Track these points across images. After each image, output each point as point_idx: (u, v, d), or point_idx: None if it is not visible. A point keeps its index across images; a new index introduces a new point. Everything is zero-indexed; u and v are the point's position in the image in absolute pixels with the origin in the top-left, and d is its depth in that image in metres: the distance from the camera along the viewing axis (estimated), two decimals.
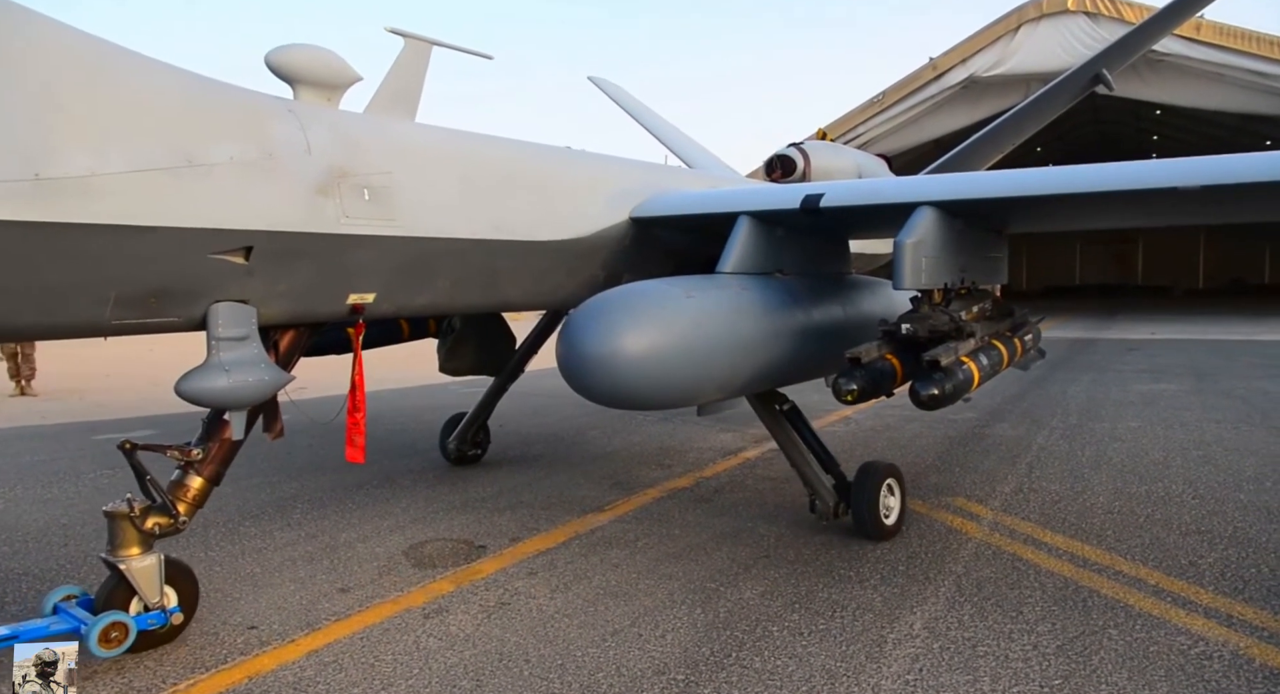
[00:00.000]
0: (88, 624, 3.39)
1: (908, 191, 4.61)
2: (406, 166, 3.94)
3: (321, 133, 3.65)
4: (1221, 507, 5.76)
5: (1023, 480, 6.59)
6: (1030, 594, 4.22)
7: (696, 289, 4.09)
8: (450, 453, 7.36)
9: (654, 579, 4.52)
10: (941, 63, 26.18)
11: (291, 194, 3.47)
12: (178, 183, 3.11)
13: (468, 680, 3.41)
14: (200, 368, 3.49)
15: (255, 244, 3.38)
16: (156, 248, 3.11)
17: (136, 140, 3.04)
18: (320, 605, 4.21)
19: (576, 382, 3.73)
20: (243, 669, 3.53)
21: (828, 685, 3.33)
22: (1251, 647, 3.60)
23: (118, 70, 3.13)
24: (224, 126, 3.33)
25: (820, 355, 4.75)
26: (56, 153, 2.81)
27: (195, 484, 3.80)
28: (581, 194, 4.88)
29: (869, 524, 5.08)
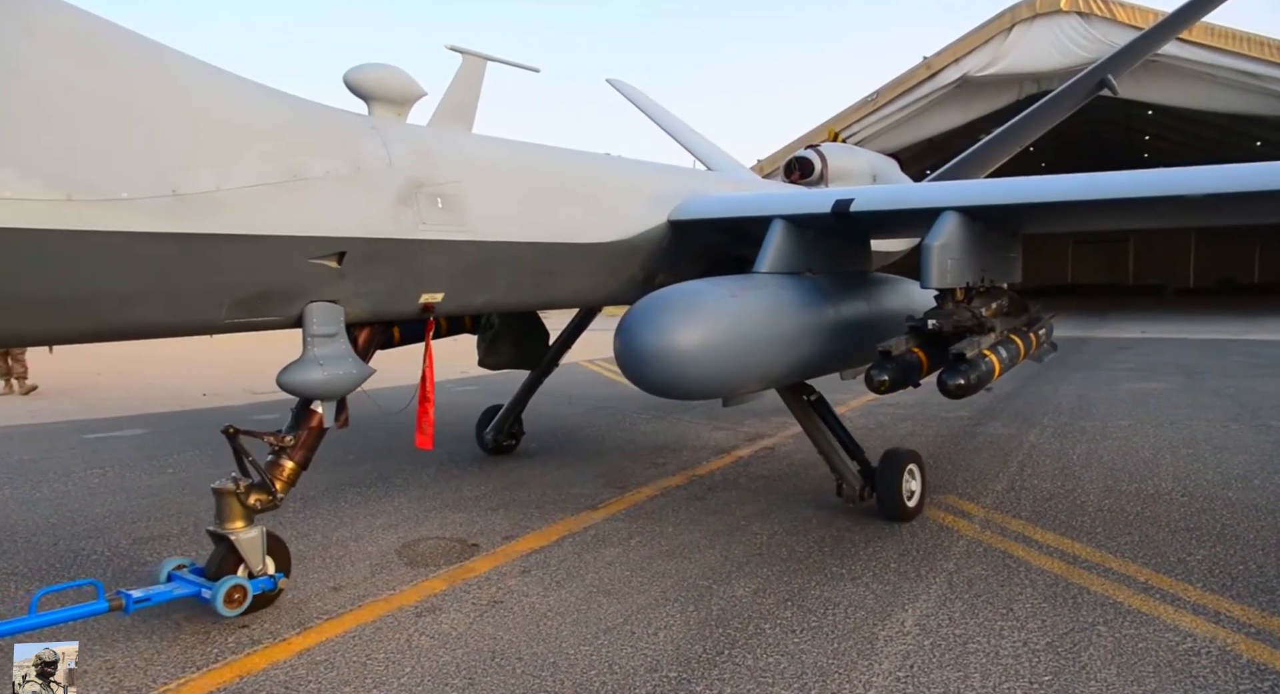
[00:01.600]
0: (211, 588, 3.79)
1: (933, 197, 4.97)
2: (473, 176, 4.28)
3: (401, 147, 3.99)
4: (1210, 504, 5.80)
5: (1014, 478, 6.62)
6: (1021, 591, 4.25)
7: (740, 289, 4.43)
8: (487, 443, 7.69)
9: (647, 577, 4.53)
10: (935, 62, 26.25)
11: (377, 204, 3.81)
12: (284, 196, 3.46)
13: (460, 679, 3.41)
14: (297, 362, 3.84)
15: (348, 250, 3.73)
16: (266, 254, 3.46)
17: (251, 158, 3.38)
18: (312, 604, 4.20)
19: (633, 373, 4.07)
20: (234, 668, 3.52)
21: (819, 682, 3.34)
22: (1239, 642, 3.63)
23: (236, 96, 3.52)
24: (321, 144, 3.68)
25: (847, 349, 5.09)
26: (189, 171, 3.15)
27: (288, 467, 4.13)
28: (624, 199, 5.22)
29: (892, 506, 5.42)
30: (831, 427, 5.65)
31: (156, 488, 6.66)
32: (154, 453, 8.06)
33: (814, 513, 5.72)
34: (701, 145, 9.70)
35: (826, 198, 5.06)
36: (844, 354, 5.15)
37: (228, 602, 3.79)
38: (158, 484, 6.79)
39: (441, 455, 7.76)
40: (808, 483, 6.57)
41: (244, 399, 12.05)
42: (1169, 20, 9.81)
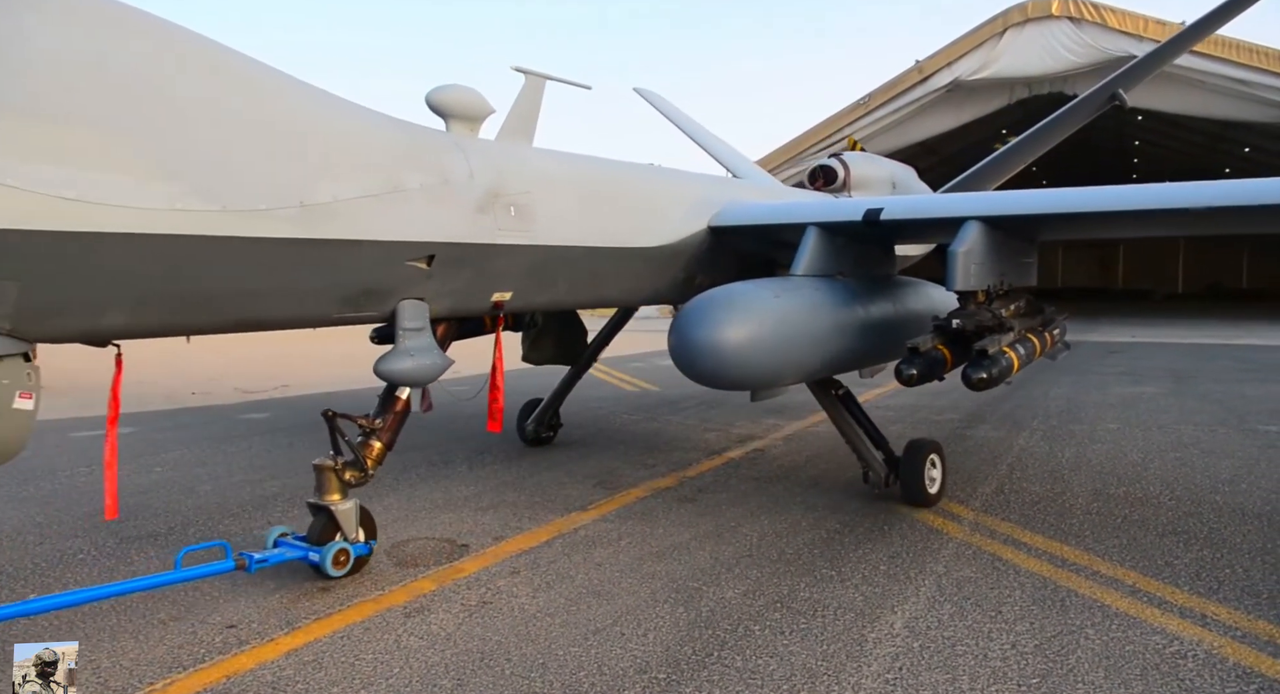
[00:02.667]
0: (319, 551, 4.32)
1: (957, 207, 5.39)
2: (539, 186, 4.73)
3: (480, 161, 4.46)
4: (1198, 508, 5.84)
5: (1003, 481, 6.64)
6: (1010, 594, 4.26)
7: (781, 290, 4.89)
8: (528, 434, 8.07)
9: (636, 578, 4.52)
10: (927, 66, 26.36)
11: (461, 212, 4.27)
12: (386, 206, 3.90)
13: (448, 679, 3.40)
14: (391, 353, 4.30)
15: (437, 253, 4.18)
16: (372, 257, 3.91)
17: (360, 173, 3.84)
18: (300, 604, 4.18)
19: (686, 365, 4.52)
20: (221, 668, 3.49)
21: (808, 684, 3.34)
22: (1225, 646, 3.65)
23: (347, 118, 4.00)
24: (415, 159, 4.13)
25: (874, 346, 5.49)
26: (312, 185, 3.60)
27: (376, 447, 4.56)
28: (669, 206, 5.66)
29: (915, 493, 5.81)
30: (858, 418, 6.02)
31: (144, 487, 6.62)
32: (142, 452, 8.01)
33: (804, 515, 5.73)
34: (727, 153, 10.02)
35: (858, 207, 5.50)
36: (872, 351, 5.54)
37: (335, 563, 4.34)
38: (145, 483, 6.74)
39: (432, 456, 7.74)
40: (798, 485, 6.57)
41: (233, 398, 11.99)
42: (1180, 37, 10.12)
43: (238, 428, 9.32)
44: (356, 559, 4.46)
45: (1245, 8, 8.79)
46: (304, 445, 8.20)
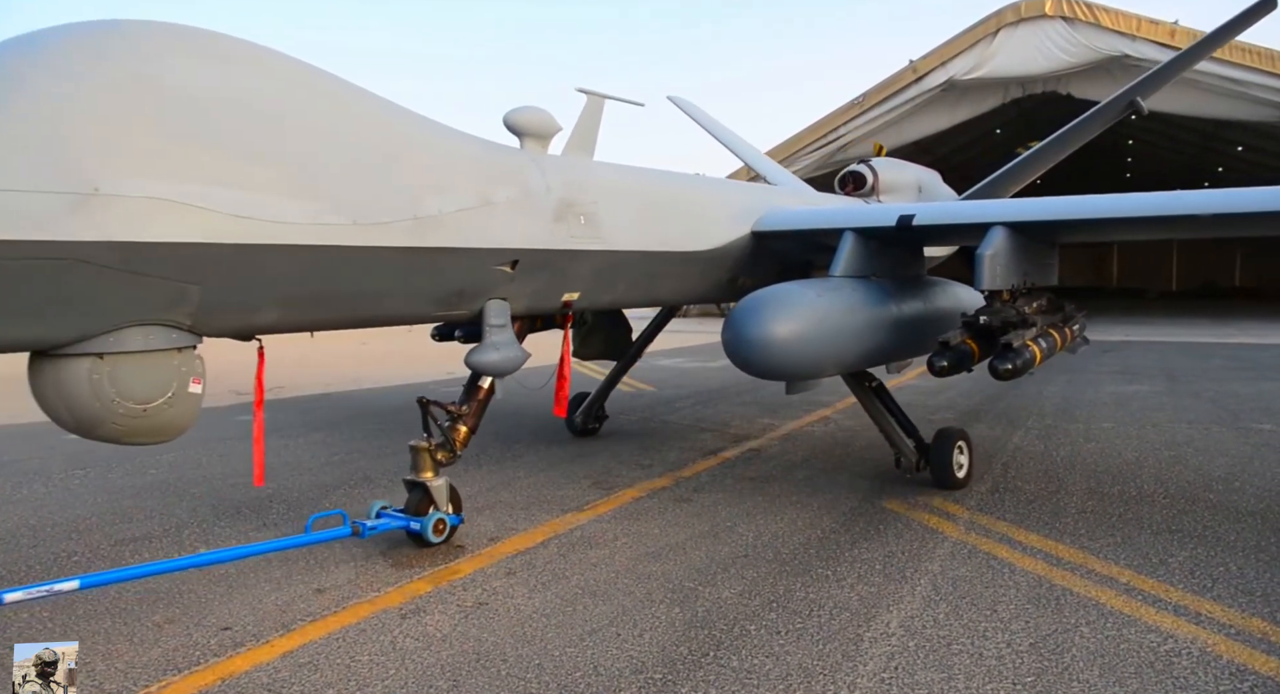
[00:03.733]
0: (420, 521, 4.86)
1: (984, 213, 5.80)
2: (605, 197, 5.23)
3: (555, 176, 4.96)
4: (1192, 506, 5.86)
5: (998, 480, 6.66)
6: (1005, 593, 4.27)
7: (823, 290, 5.34)
8: (576, 426, 8.58)
9: (632, 578, 4.52)
10: (921, 65, 26.39)
11: (540, 221, 4.77)
12: (479, 217, 4.41)
13: (444, 681, 3.39)
14: (480, 347, 4.84)
15: (520, 258, 4.68)
16: (467, 262, 4.43)
17: (459, 189, 4.35)
18: (296, 606, 4.17)
19: (738, 358, 5.00)
20: (215, 671, 3.49)
21: (804, 684, 3.34)
22: (1219, 643, 3.67)
23: (447, 141, 4.51)
24: (502, 176, 4.64)
25: (906, 342, 5.93)
26: (422, 200, 4.12)
27: (463, 430, 5.11)
28: (716, 213, 6.12)
29: (944, 477, 6.24)
30: (890, 409, 6.41)
31: (138, 489, 6.60)
32: (134, 454, 7.97)
33: (799, 515, 5.74)
34: (759, 160, 10.42)
35: (891, 213, 5.89)
36: (903, 346, 5.98)
37: (435, 531, 4.90)
38: (139, 485, 6.72)
39: None
40: (793, 485, 6.58)
41: (229, 399, 11.95)
42: (1197, 47, 10.32)
43: (232, 430, 9.29)
44: (451, 528, 5.00)
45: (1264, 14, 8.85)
46: (300, 447, 8.17)
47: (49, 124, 3.00)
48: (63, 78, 3.08)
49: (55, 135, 3.00)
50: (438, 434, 5.07)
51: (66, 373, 3.26)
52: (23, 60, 3.11)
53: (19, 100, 2.98)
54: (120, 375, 3.31)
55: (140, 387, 3.37)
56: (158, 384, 3.43)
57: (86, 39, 3.26)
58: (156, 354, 3.41)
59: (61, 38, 3.23)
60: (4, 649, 3.56)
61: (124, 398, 3.33)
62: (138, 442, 3.53)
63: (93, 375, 3.26)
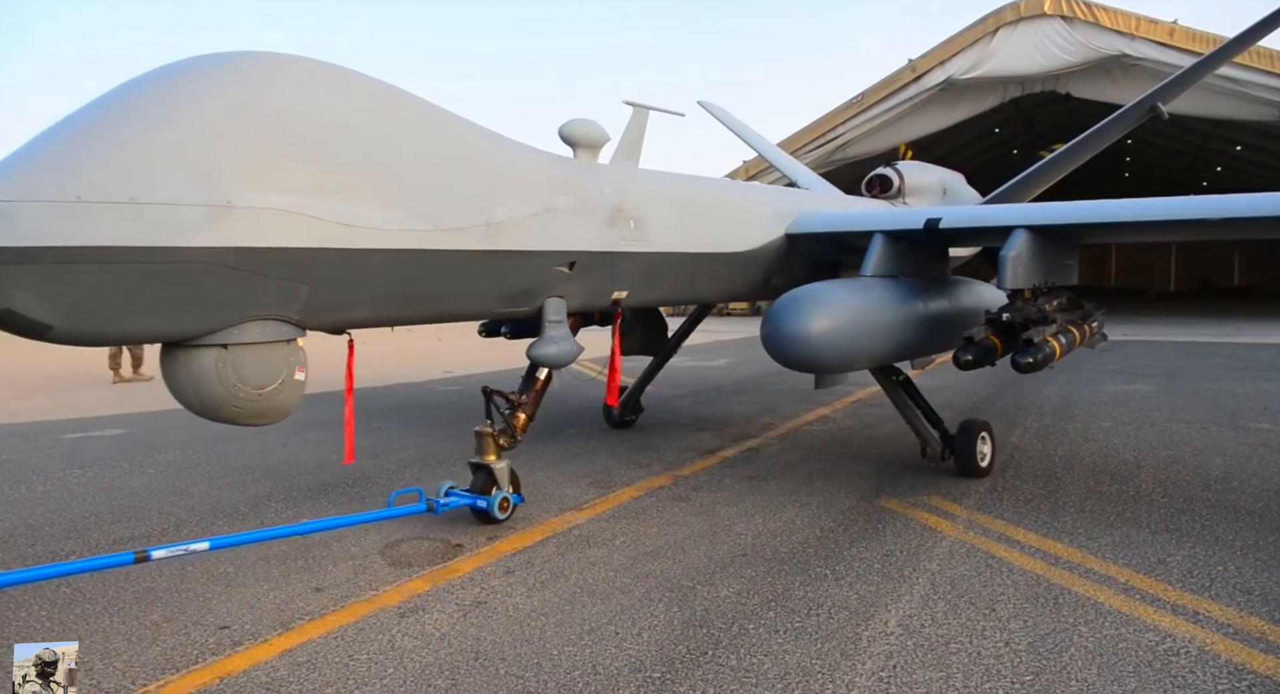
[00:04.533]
0: (486, 499, 5.31)
1: (1007, 217, 6.05)
2: (651, 202, 5.62)
3: (608, 184, 5.37)
4: (1190, 506, 5.86)
5: (996, 479, 6.66)
6: (1003, 592, 4.27)
7: (855, 289, 5.67)
8: (614, 418, 9.06)
9: (631, 577, 4.52)
10: (920, 65, 26.39)
11: (595, 226, 5.17)
12: (542, 223, 4.82)
13: (443, 679, 3.39)
14: (540, 341, 5.23)
15: (577, 260, 5.08)
16: (531, 264, 4.83)
17: (525, 198, 4.74)
18: (294, 605, 4.17)
19: (776, 351, 5.33)
20: (214, 670, 3.48)
21: (802, 683, 3.34)
22: (1217, 642, 3.67)
23: (514, 155, 4.89)
24: (562, 185, 5.03)
25: (932, 338, 6.24)
26: (493, 209, 4.52)
27: (521, 418, 5.58)
28: (752, 216, 6.48)
29: (968, 466, 6.59)
30: (916, 401, 6.76)
31: (137, 488, 6.59)
32: (134, 453, 7.98)
33: (798, 514, 5.74)
34: (788, 163, 10.70)
35: (918, 216, 6.20)
36: (929, 342, 6.28)
37: (501, 508, 5.35)
38: (138, 484, 6.72)
39: (425, 455, 7.73)
40: (792, 484, 6.58)
41: None
42: (1218, 53, 10.40)
43: (229, 429, 9.28)
44: (513, 506, 5.48)
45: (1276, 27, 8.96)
46: (298, 446, 8.17)
47: (191, 145, 3.45)
48: (201, 104, 3.55)
49: (197, 155, 3.45)
50: (499, 421, 5.52)
51: (196, 362, 3.66)
52: (169, 89, 3.58)
53: (168, 125, 3.45)
54: (241, 364, 3.72)
55: (257, 374, 3.78)
56: (271, 371, 3.84)
57: (218, 70, 3.74)
58: (271, 345, 3.84)
59: (199, 69, 3.72)
60: (4, 649, 3.56)
61: (244, 384, 3.74)
62: (252, 423, 3.91)
63: (218, 364, 3.67)
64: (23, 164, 3.21)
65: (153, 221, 3.28)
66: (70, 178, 3.18)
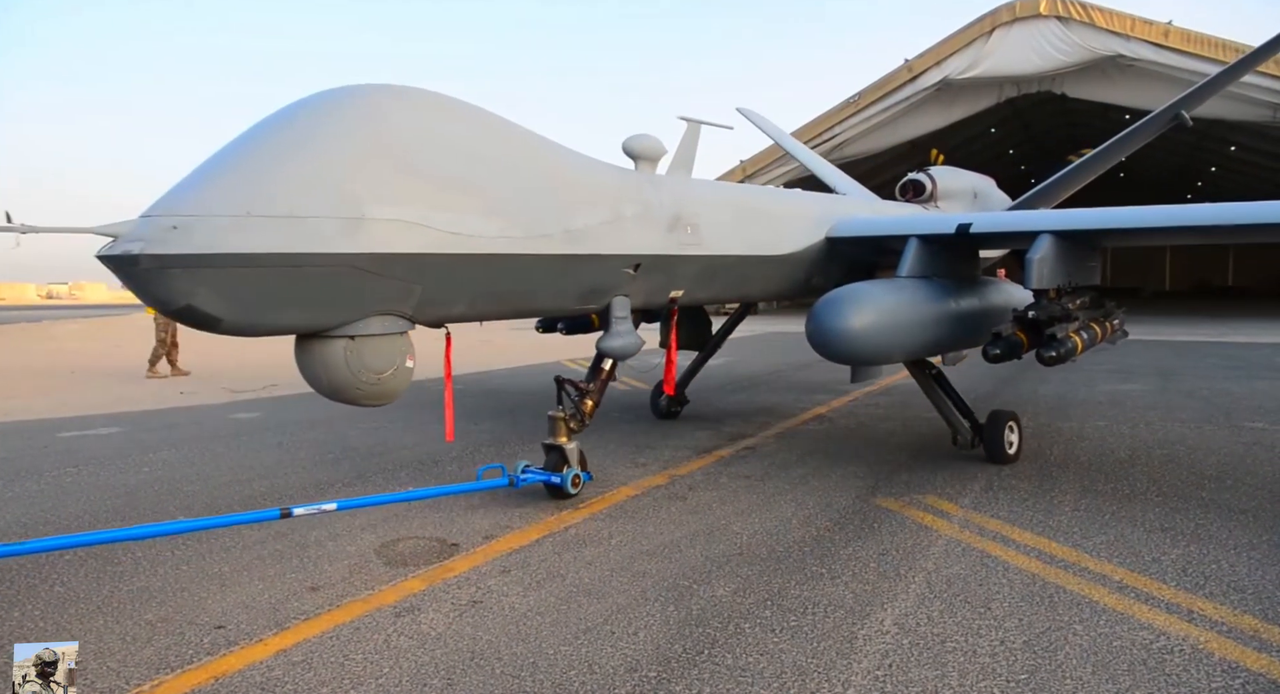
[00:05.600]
0: (560, 476, 5.88)
1: (1033, 223, 6.47)
2: (706, 210, 6.15)
3: (667, 193, 5.90)
4: (1184, 504, 5.88)
5: (992, 478, 6.67)
6: (998, 590, 4.28)
7: (892, 289, 6.12)
8: (661, 409, 9.67)
9: (627, 577, 4.52)
10: (917, 65, 26.43)
11: (657, 231, 5.70)
12: (613, 229, 5.34)
13: (439, 679, 3.39)
14: (607, 335, 5.77)
15: (641, 262, 5.60)
16: (603, 266, 5.35)
17: (597, 207, 5.26)
18: (289, 604, 4.16)
19: (820, 345, 5.77)
20: (209, 669, 3.47)
21: (798, 682, 3.35)
22: (1211, 641, 3.69)
23: (588, 169, 5.40)
24: (629, 194, 5.56)
25: (962, 334, 6.63)
26: (572, 217, 5.06)
27: (589, 404, 6.23)
28: (796, 221, 7.01)
29: (997, 453, 7.07)
30: (948, 393, 7.26)
31: (131, 487, 6.57)
32: (129, 452, 7.95)
33: (794, 513, 5.74)
34: (826, 169, 11.04)
35: (951, 221, 6.66)
36: (960, 338, 6.68)
37: (573, 484, 5.92)
38: (133, 483, 6.70)
39: (420, 454, 7.72)
40: (788, 483, 6.58)
41: (223, 398, 11.91)
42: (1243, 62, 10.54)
43: (226, 427, 9.26)
44: (584, 483, 6.05)
45: None
46: (294, 445, 8.15)
47: (333, 168, 4.02)
48: (339, 133, 4.13)
49: (337, 176, 4.02)
50: (569, 406, 6.10)
51: (328, 350, 4.22)
52: (313, 120, 4.15)
53: (314, 151, 4.02)
54: (365, 352, 4.28)
55: (377, 361, 4.33)
56: (389, 359, 4.38)
57: (351, 103, 4.29)
58: (388, 337, 4.37)
59: (336, 101, 4.29)
60: (4, 649, 3.55)
61: (366, 370, 4.29)
62: (370, 404, 4.46)
63: (346, 352, 4.23)
64: (200, 185, 3.83)
65: (305, 232, 3.87)
66: (240, 196, 3.79)
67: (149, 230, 3.66)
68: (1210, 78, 10.26)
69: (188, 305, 3.75)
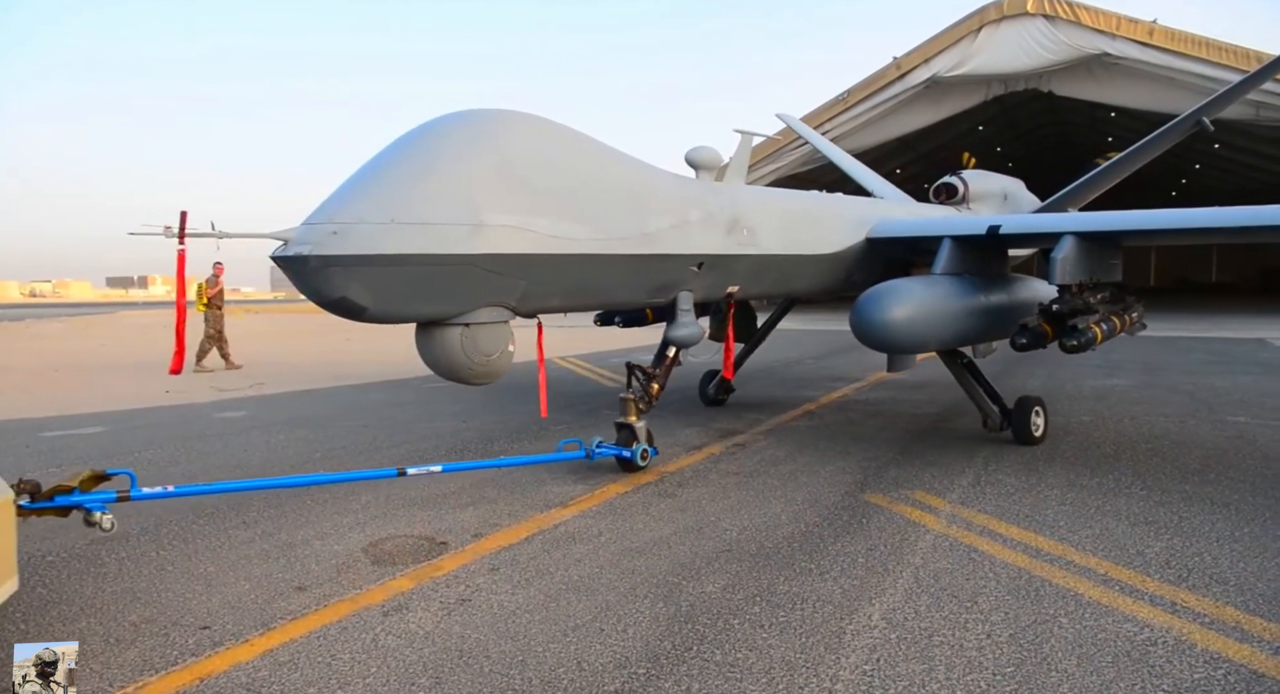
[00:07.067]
0: (630, 450, 6.59)
1: (1057, 225, 7.07)
2: (759, 214, 6.72)
3: (726, 199, 6.49)
4: (1168, 498, 5.93)
5: (979, 473, 6.71)
6: (985, 584, 4.31)
7: (928, 285, 6.70)
8: (709, 396, 10.39)
9: (617, 574, 4.52)
10: (905, 62, 26.49)
11: (718, 234, 6.30)
12: (680, 232, 5.96)
13: (426, 678, 3.38)
14: (673, 325, 6.44)
15: (704, 261, 6.21)
16: (672, 264, 5.99)
17: (667, 212, 5.90)
18: (276, 604, 4.14)
19: (863, 335, 6.36)
20: (193, 670, 3.44)
21: (787, 677, 3.35)
22: (1194, 632, 3.72)
23: (658, 179, 6.00)
24: (693, 201, 6.15)
25: (992, 327, 7.20)
26: (646, 222, 5.71)
27: (655, 388, 6.87)
28: (839, 223, 7.59)
29: (1024, 436, 7.65)
30: (979, 380, 7.85)
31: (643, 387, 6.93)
32: (112, 452, 7.88)
33: (783, 509, 5.75)
34: (862, 172, 11.51)
35: (982, 223, 7.27)
36: (990, 330, 7.23)
37: (642, 457, 6.61)
38: (643, 386, 7.02)
39: (409, 453, 7.69)
40: (778, 480, 6.60)
41: (209, 396, 11.83)
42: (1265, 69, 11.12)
43: (213, 426, 9.20)
44: (651, 457, 6.72)
45: None
46: (280, 444, 8.10)
47: (457, 181, 4.71)
48: (460, 152, 4.82)
49: (461, 188, 4.70)
50: (638, 389, 6.75)
51: (446, 336, 4.91)
52: (438, 141, 4.86)
53: (438, 168, 4.72)
54: (477, 338, 4.95)
55: (487, 345, 5.00)
56: (496, 344, 5.05)
57: (469, 126, 4.99)
58: (496, 325, 5.03)
59: (456, 124, 4.99)
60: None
61: (478, 352, 4.98)
62: (479, 382, 5.14)
63: (462, 338, 4.91)
64: (350, 197, 4.56)
65: (437, 236, 4.56)
66: (385, 207, 4.48)
67: (314, 235, 4.35)
68: (1232, 85, 10.90)
69: (342, 297, 4.44)
